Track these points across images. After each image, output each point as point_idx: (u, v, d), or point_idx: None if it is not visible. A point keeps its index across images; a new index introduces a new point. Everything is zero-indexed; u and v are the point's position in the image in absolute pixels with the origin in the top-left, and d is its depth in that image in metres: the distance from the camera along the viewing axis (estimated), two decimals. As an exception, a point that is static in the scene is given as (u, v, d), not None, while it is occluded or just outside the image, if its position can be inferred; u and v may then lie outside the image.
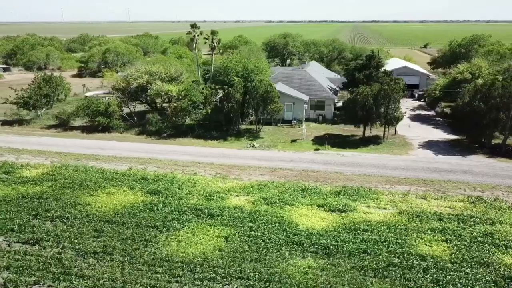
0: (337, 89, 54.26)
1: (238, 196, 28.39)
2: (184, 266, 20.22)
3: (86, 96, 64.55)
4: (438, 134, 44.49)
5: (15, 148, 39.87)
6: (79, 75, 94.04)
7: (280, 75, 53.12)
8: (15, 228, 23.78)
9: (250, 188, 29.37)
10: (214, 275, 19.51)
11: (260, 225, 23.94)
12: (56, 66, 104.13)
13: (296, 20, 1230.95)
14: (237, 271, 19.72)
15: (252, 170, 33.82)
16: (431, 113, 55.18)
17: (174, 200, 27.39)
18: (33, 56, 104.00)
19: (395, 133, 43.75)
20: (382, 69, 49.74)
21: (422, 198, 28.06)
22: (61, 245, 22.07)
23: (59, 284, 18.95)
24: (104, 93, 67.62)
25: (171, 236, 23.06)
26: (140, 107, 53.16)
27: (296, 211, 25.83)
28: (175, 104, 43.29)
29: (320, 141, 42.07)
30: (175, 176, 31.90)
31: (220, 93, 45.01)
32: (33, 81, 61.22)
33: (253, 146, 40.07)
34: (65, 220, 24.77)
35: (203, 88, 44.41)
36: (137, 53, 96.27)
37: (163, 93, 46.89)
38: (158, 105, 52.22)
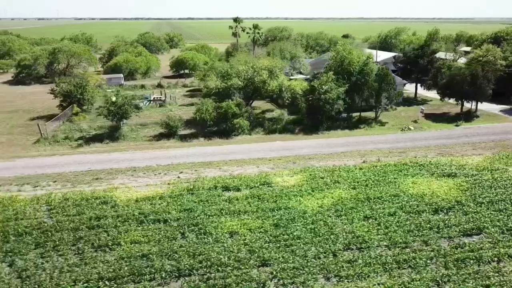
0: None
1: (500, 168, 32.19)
2: None
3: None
4: (490, 106, 54.91)
5: (196, 161, 34.19)
6: (20, 82, 75.56)
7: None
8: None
9: (499, 160, 33.50)
10: None
11: None
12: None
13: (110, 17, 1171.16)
14: None
15: (459, 147, 37.69)
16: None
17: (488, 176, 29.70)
18: None
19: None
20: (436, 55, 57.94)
21: None
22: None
23: None
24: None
25: None
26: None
27: None
28: (316, 97, 42.67)
29: (434, 119, 47.90)
30: (429, 160, 33.40)
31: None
32: (51, 91, 50.06)
33: (409, 128, 43.39)
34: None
35: (332, 80, 44.73)
36: (89, 52, 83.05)
37: (283, 88, 45.39)
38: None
